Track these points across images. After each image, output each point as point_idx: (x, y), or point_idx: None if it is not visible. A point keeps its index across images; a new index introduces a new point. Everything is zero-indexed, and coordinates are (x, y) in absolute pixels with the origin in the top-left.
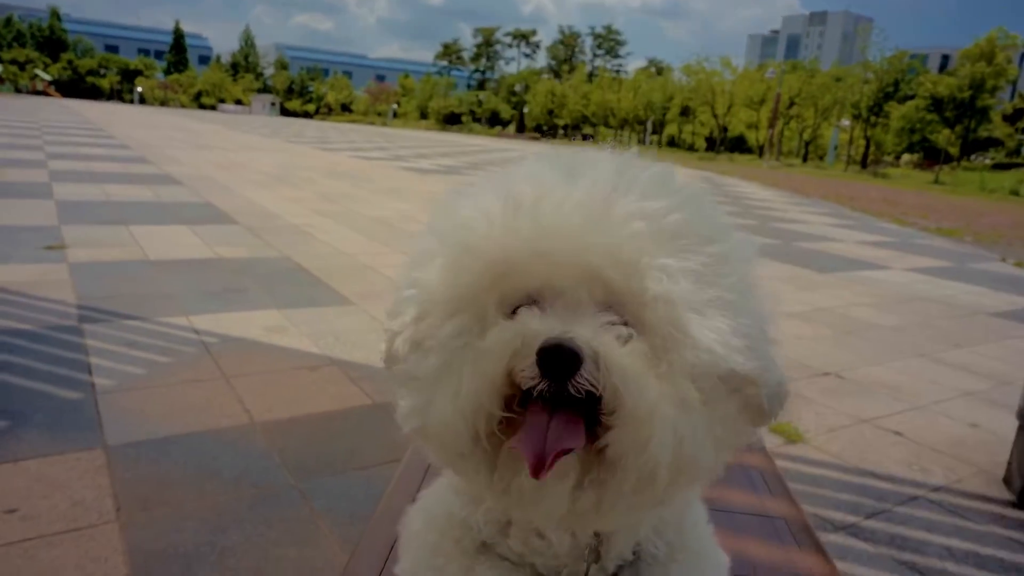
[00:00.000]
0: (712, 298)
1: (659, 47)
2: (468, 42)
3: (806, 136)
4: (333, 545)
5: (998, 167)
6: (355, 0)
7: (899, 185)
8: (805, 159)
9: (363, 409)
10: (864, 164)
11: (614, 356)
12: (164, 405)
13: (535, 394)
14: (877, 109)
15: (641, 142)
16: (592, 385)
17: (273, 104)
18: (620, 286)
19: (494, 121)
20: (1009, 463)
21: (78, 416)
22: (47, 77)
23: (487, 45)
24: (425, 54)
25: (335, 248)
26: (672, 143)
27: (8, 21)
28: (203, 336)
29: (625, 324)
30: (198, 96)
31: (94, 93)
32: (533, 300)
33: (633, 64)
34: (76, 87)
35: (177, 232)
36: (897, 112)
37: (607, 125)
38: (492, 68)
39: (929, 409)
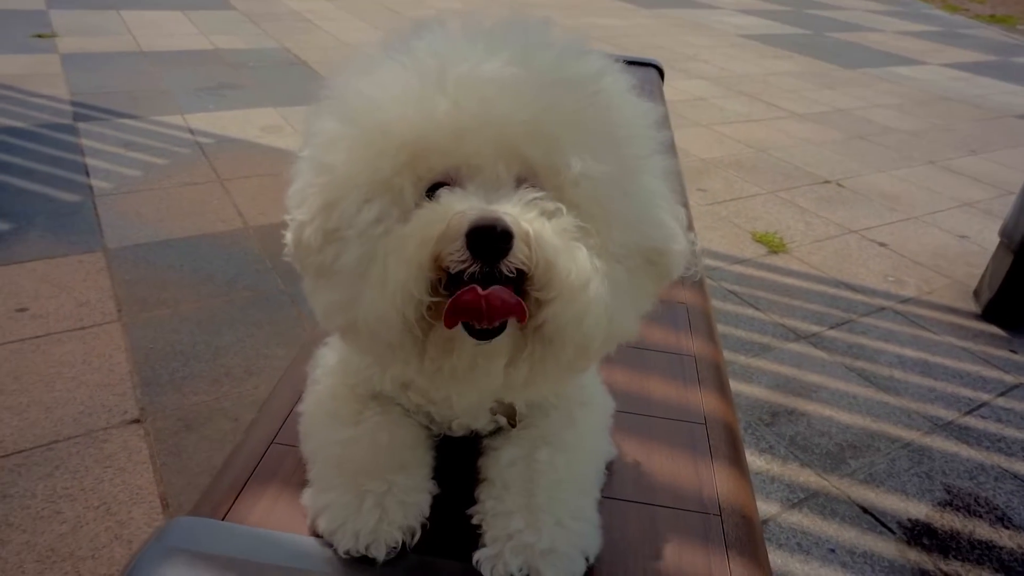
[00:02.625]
0: (627, 178)
1: None
2: None
3: None
4: None
5: None
6: None
7: None
8: None
9: None
10: None
11: (545, 233)
12: (161, 208)
13: (465, 277)
14: None
15: None
16: (524, 263)
17: None
18: (540, 162)
19: None
20: (983, 276)
21: (78, 219)
22: None
23: None
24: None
25: (337, 39)
26: None
27: None
28: (198, 136)
29: (543, 197)
30: None
31: None
32: (450, 179)
33: None
34: None
35: (170, 18)
36: None
37: None
38: None
39: (922, 220)
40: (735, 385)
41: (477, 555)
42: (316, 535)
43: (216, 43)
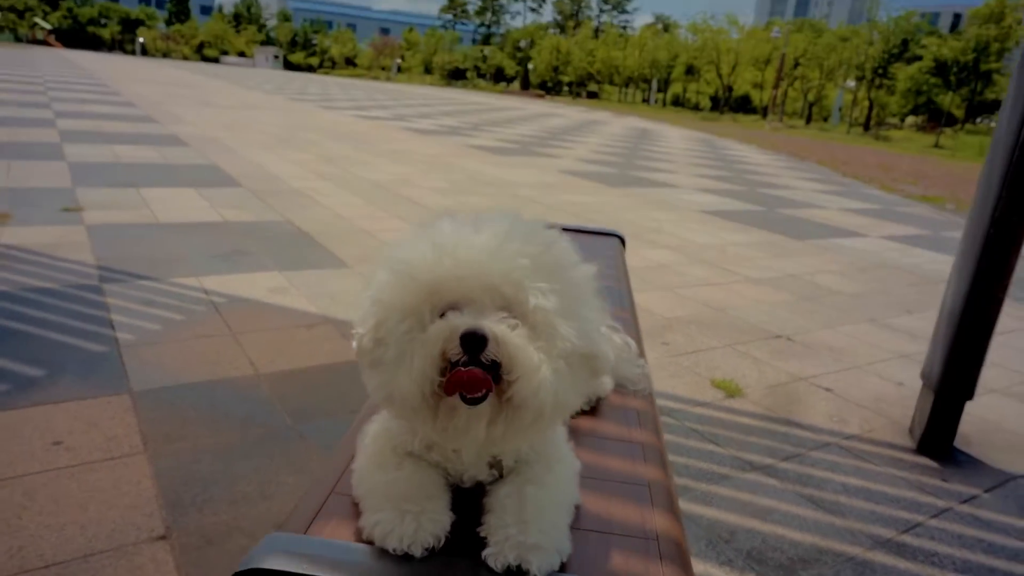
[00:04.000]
0: (568, 308)
1: (667, 3)
2: None
3: (810, 97)
4: None
5: None
6: None
7: (899, 149)
8: (809, 120)
9: (354, 363)
10: (867, 127)
11: (507, 336)
12: (180, 358)
13: (460, 365)
14: (882, 71)
15: (645, 101)
16: (496, 356)
17: (276, 57)
18: (511, 297)
19: (499, 77)
20: (914, 415)
21: (105, 366)
22: (47, 26)
23: None
24: (430, 7)
25: (334, 212)
26: (677, 102)
27: None
28: (212, 296)
29: (513, 319)
30: (200, 48)
31: (95, 43)
32: (454, 307)
33: (640, 20)
34: (77, 37)
35: (185, 195)
36: (903, 74)
37: (612, 83)
38: (498, 22)
39: (864, 369)
40: (698, 508)
41: (484, 553)
42: (370, 543)
43: (226, 216)
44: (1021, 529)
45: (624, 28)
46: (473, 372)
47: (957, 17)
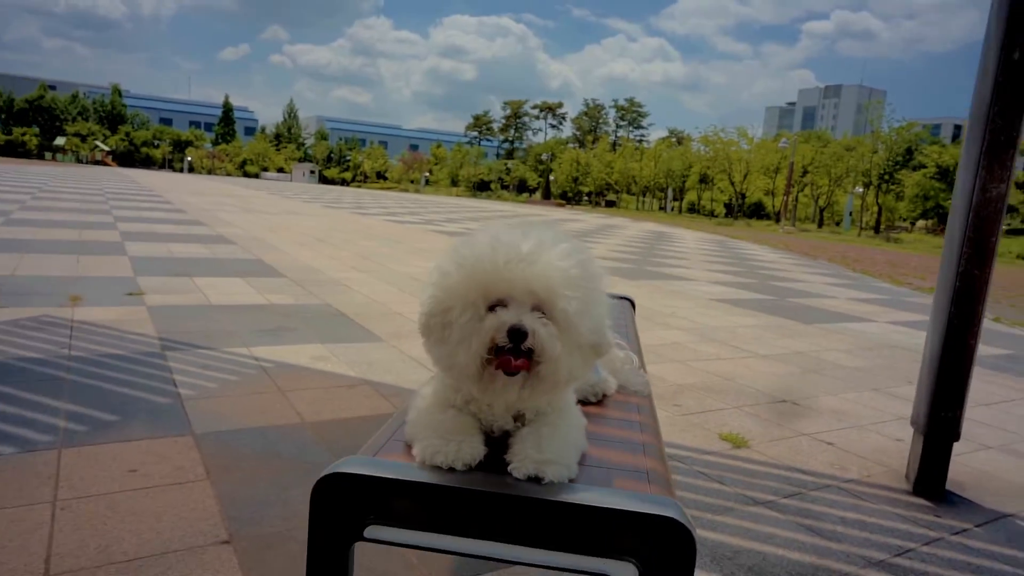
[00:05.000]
0: (585, 308)
1: (680, 118)
2: (498, 114)
3: (821, 203)
4: None
5: (1013, 232)
6: (391, 75)
7: (909, 249)
8: (820, 225)
9: (390, 415)
10: (878, 230)
11: (541, 331)
12: (235, 409)
13: (505, 348)
14: (888, 177)
15: (662, 208)
16: (531, 345)
17: (312, 172)
18: (544, 299)
19: (522, 188)
20: (908, 460)
21: (170, 414)
22: (105, 148)
23: (515, 117)
24: (457, 125)
25: (369, 298)
26: (692, 209)
27: (74, 98)
28: (261, 362)
29: (544, 316)
30: (243, 164)
31: (147, 162)
32: (501, 302)
33: (655, 134)
34: (131, 157)
35: (233, 283)
36: (910, 180)
37: (629, 192)
38: (520, 138)
39: (865, 428)
40: (704, 532)
41: (509, 467)
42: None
43: (271, 300)
44: (1010, 556)
45: (640, 141)
46: (515, 360)
47: (958, 128)
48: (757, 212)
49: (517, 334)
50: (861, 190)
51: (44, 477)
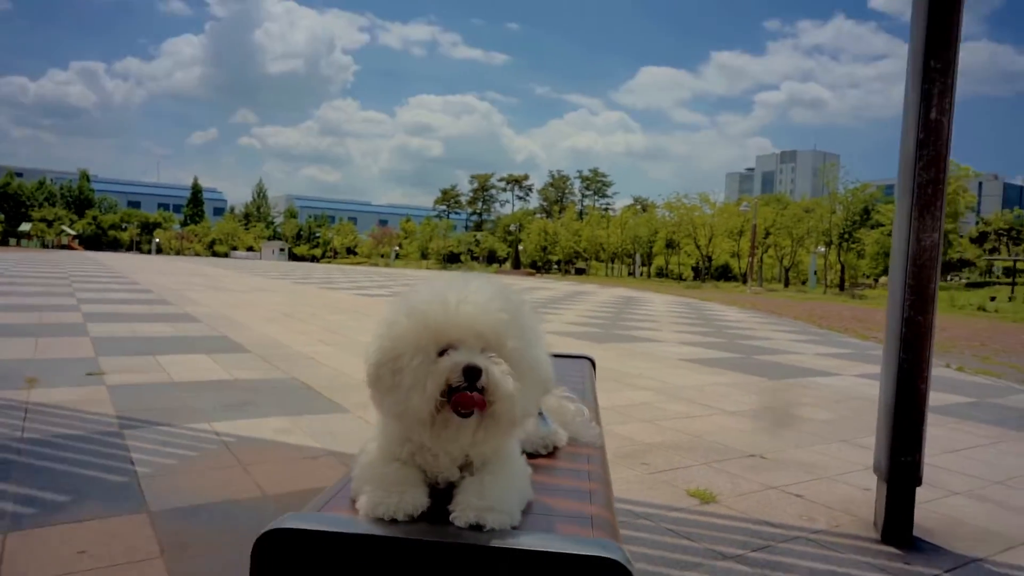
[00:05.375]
0: (528, 347)
1: (643, 186)
2: (465, 187)
3: (786, 263)
4: None
5: (972, 285)
6: (360, 153)
7: (873, 305)
8: (787, 284)
9: None
10: (842, 287)
11: (494, 370)
12: (193, 484)
13: (457, 388)
14: (848, 236)
15: (631, 273)
16: (484, 384)
17: (282, 250)
18: (492, 341)
19: (491, 259)
20: (875, 509)
21: (126, 492)
22: (71, 232)
23: (483, 190)
24: (426, 199)
25: (336, 370)
26: (661, 273)
27: (41, 184)
28: (223, 436)
29: (495, 357)
30: (212, 244)
31: (115, 245)
32: (451, 346)
33: (620, 202)
34: (98, 240)
35: (197, 359)
36: (869, 238)
37: (598, 259)
38: (488, 210)
39: (833, 479)
40: None
41: (451, 516)
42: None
43: (235, 375)
44: None
45: (606, 209)
46: (473, 395)
47: None
48: (724, 274)
49: (472, 372)
50: (823, 249)
51: None
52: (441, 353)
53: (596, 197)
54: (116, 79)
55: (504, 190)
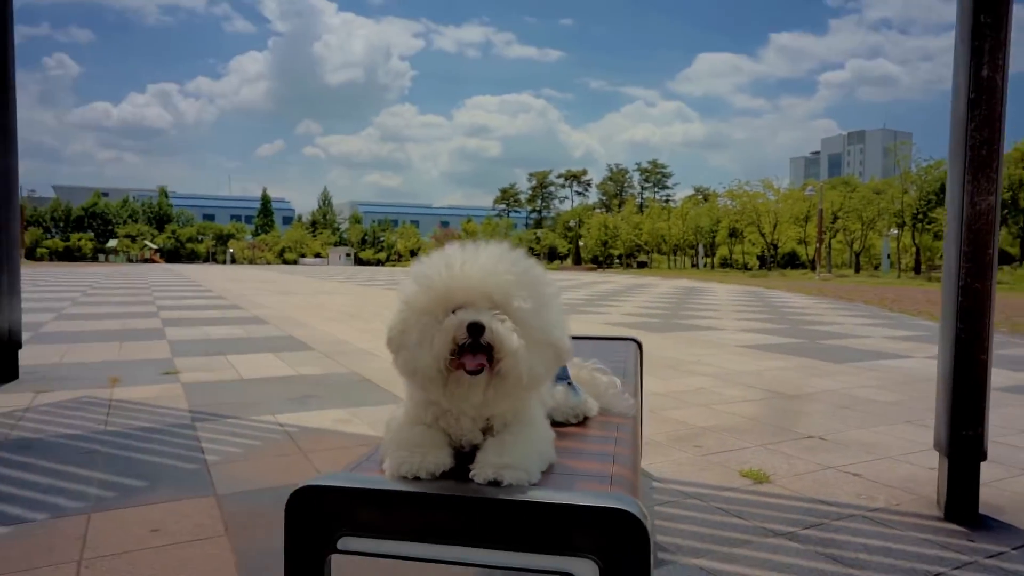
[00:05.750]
0: (537, 310)
1: (704, 176)
2: (524, 186)
3: (856, 247)
4: None
5: None
6: (419, 157)
7: None
8: (857, 270)
9: None
10: (918, 270)
11: (498, 326)
12: (257, 470)
13: (465, 346)
14: (922, 217)
15: (694, 265)
16: (489, 340)
17: (348, 255)
18: (500, 301)
19: (552, 256)
20: (938, 486)
21: (196, 478)
22: (153, 246)
23: (541, 187)
24: (485, 200)
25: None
26: (725, 263)
27: (125, 202)
28: (286, 427)
29: (502, 315)
30: (282, 252)
31: (192, 257)
32: (460, 307)
33: (680, 193)
34: (177, 253)
35: (264, 358)
36: (946, 218)
37: (660, 251)
38: (547, 207)
39: (895, 459)
40: (717, 564)
41: (471, 474)
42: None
43: (299, 371)
44: None
45: (667, 201)
46: (477, 355)
47: None
48: (791, 262)
49: (475, 328)
50: (896, 232)
51: (72, 539)
52: (452, 313)
53: (656, 189)
54: (189, 98)
55: (563, 186)
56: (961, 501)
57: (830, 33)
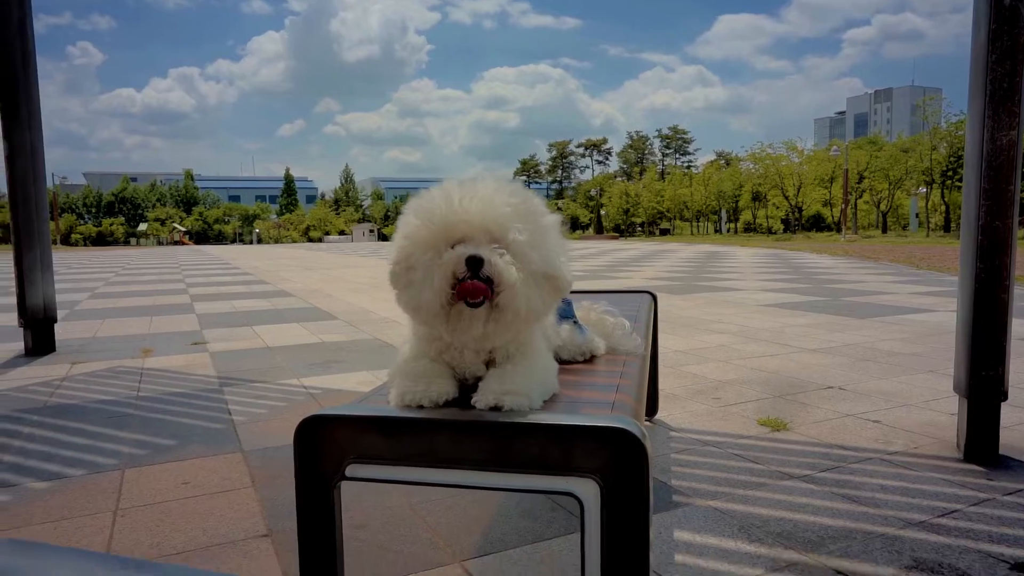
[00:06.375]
0: (536, 241)
1: (726, 140)
2: (544, 156)
3: (883, 207)
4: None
5: None
6: (439, 131)
7: None
8: (885, 230)
9: None
10: (947, 228)
11: (496, 259)
12: (281, 429)
13: (465, 280)
14: (952, 173)
15: (717, 231)
16: (489, 273)
17: (371, 231)
18: (498, 235)
19: (574, 226)
20: (957, 428)
21: (223, 436)
22: (182, 229)
23: (561, 157)
24: (506, 171)
25: None
26: (749, 228)
27: (153, 186)
28: (310, 389)
29: (500, 249)
30: (307, 231)
31: (220, 238)
32: (460, 241)
33: (702, 158)
34: (205, 235)
35: (289, 328)
36: None
37: (682, 218)
38: (568, 177)
39: (916, 406)
40: (732, 505)
41: (472, 400)
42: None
43: (323, 339)
44: None
45: (688, 167)
46: (476, 283)
47: None
48: (817, 224)
49: (474, 261)
50: (925, 190)
51: (108, 492)
52: (452, 247)
53: (677, 155)
54: (210, 81)
55: (583, 156)
56: (981, 442)
57: None
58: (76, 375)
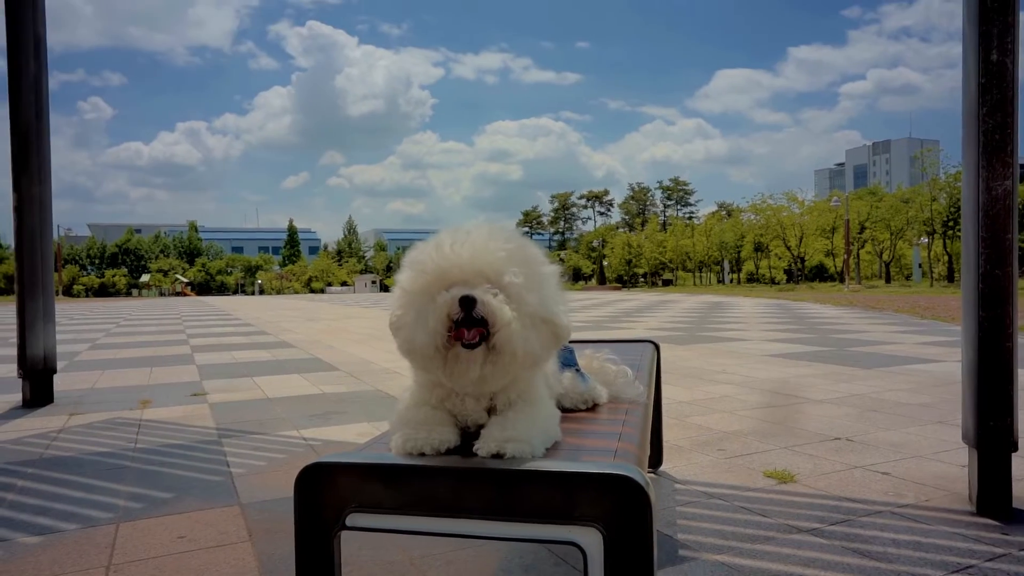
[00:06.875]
0: (531, 285)
1: (727, 191)
2: (546, 208)
3: (885, 257)
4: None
5: None
6: (442, 183)
7: None
8: (888, 280)
9: None
10: (951, 278)
11: (489, 299)
12: (280, 481)
13: (459, 321)
14: (953, 224)
15: (720, 281)
16: (482, 313)
17: (374, 282)
18: (492, 278)
19: (577, 276)
20: (969, 480)
21: (221, 489)
22: (184, 280)
23: (564, 209)
24: (508, 222)
25: None
26: (751, 279)
27: (156, 237)
28: (309, 441)
29: (494, 290)
30: (309, 282)
31: (222, 289)
32: (452, 286)
33: (704, 209)
34: (207, 286)
35: (290, 378)
36: None
37: (685, 268)
38: (570, 228)
39: (926, 457)
40: (739, 560)
41: (474, 448)
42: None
43: (324, 390)
44: None
45: (690, 218)
46: (471, 329)
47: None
48: (819, 274)
49: (467, 301)
50: (926, 240)
51: (101, 547)
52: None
53: (678, 206)
54: (216, 135)
55: (585, 207)
56: (993, 494)
57: (849, 44)
58: (73, 427)
